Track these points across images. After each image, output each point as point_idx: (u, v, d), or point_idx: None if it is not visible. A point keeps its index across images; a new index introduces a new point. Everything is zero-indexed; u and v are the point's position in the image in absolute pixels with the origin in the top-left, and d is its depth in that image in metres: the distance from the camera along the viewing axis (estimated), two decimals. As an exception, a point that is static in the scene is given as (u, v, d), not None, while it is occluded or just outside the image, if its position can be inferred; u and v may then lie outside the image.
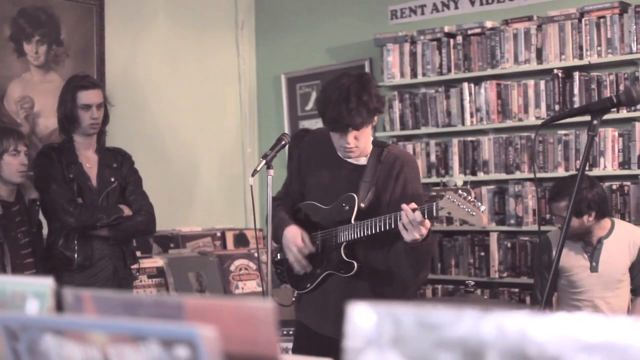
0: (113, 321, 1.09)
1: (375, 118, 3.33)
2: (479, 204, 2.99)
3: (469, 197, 2.99)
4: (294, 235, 3.41)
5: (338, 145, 3.33)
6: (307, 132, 3.81)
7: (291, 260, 3.43)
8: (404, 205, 3.05)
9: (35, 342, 1.12)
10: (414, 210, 3.02)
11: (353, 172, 3.39)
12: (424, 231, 3.04)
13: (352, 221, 3.31)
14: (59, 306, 1.29)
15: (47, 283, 1.32)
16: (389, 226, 3.14)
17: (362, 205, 3.28)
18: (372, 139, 3.43)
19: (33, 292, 1.33)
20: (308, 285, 3.46)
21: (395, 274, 3.32)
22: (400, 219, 3.06)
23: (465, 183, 3.03)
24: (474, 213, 2.97)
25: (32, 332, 1.12)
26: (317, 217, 3.45)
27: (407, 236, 3.04)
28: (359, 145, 3.31)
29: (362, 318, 1.01)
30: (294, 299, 3.59)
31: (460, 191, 3.00)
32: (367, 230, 3.24)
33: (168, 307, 1.15)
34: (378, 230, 3.20)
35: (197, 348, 0.99)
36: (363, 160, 3.39)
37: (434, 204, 3.03)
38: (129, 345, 1.05)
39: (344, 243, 3.32)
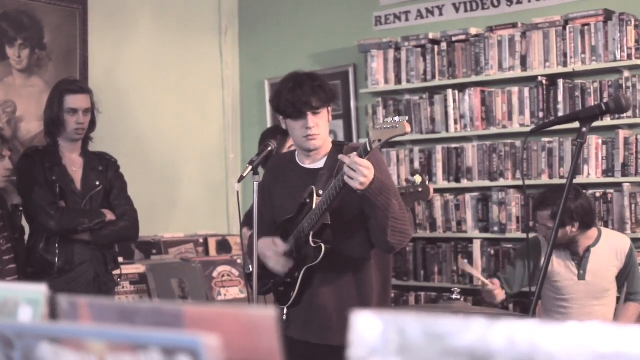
0: (113, 329, 1.07)
1: (330, 110, 3.37)
2: (397, 118, 3.01)
3: (388, 119, 3.04)
4: (264, 242, 3.41)
5: (300, 135, 3.33)
6: (279, 129, 3.81)
7: (272, 265, 3.41)
8: (340, 155, 3.11)
9: (31, 350, 1.10)
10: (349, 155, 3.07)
11: (312, 175, 3.40)
12: (367, 172, 3.02)
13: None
14: (52, 313, 1.27)
15: (40, 290, 1.29)
16: (339, 189, 3.14)
17: (321, 192, 3.27)
18: (331, 140, 3.46)
19: (26, 299, 1.31)
20: (291, 294, 3.42)
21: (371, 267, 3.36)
22: (343, 174, 3.07)
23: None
24: (397, 126, 2.97)
25: (28, 340, 1.10)
26: (290, 227, 3.43)
27: (353, 183, 3.03)
28: (320, 131, 3.32)
29: (367, 327, 0.99)
30: (284, 317, 3.48)
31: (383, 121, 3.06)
32: (324, 205, 3.23)
33: (167, 315, 1.13)
34: (332, 199, 3.19)
35: (199, 357, 0.97)
36: (321, 164, 3.41)
37: (366, 140, 3.06)
38: (128, 354, 1.02)
39: (311, 232, 3.31)
